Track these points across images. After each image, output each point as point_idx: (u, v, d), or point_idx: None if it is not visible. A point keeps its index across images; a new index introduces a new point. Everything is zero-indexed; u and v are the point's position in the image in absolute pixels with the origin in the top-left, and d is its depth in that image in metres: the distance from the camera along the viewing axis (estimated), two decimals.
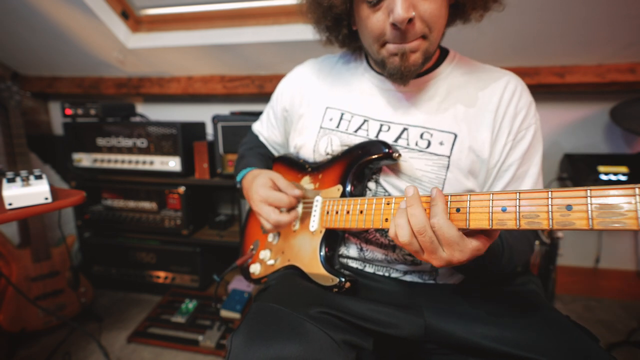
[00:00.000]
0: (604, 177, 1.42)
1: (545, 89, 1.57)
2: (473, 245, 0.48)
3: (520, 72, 1.51)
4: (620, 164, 1.45)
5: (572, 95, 1.62)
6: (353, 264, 0.77)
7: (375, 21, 0.63)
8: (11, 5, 1.53)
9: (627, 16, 1.24)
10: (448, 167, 0.67)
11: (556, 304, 1.70)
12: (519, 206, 0.44)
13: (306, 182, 0.79)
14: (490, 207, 0.46)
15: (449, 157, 0.67)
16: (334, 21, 0.74)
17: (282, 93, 0.91)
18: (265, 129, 0.99)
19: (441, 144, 0.68)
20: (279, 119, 0.93)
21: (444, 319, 0.63)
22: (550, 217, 0.41)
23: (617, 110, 1.45)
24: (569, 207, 0.40)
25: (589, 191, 0.39)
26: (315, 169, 0.78)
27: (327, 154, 0.77)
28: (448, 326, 0.62)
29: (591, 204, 0.38)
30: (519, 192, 0.44)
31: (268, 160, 0.94)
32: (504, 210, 0.45)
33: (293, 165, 0.85)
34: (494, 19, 0.71)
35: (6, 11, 1.58)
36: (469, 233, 0.49)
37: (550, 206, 0.41)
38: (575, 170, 1.48)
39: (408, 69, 0.65)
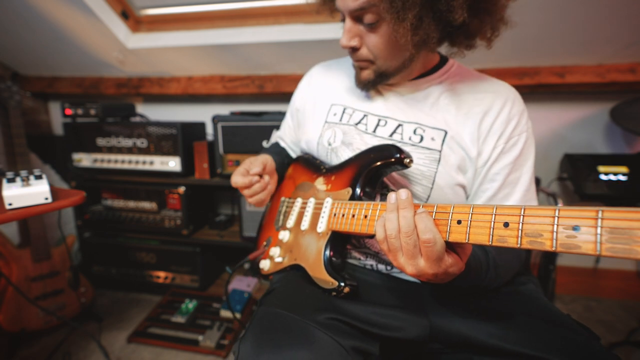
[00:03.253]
0: (604, 177, 1.42)
1: (545, 89, 1.57)
2: (448, 262, 0.48)
3: (520, 72, 1.53)
4: (620, 164, 1.45)
5: (572, 95, 1.62)
6: (352, 260, 0.78)
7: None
8: (11, 5, 1.53)
9: (627, 16, 1.24)
10: (439, 161, 0.69)
11: (556, 304, 1.70)
12: (523, 223, 0.40)
13: (320, 183, 0.80)
14: (493, 222, 0.43)
15: (440, 151, 0.69)
16: None
17: (297, 94, 0.97)
18: (283, 131, 1.05)
19: (432, 139, 0.70)
20: (294, 120, 0.99)
21: (448, 318, 0.63)
22: (554, 237, 0.37)
23: (617, 110, 1.45)
24: (576, 229, 0.36)
25: (600, 212, 0.34)
26: (329, 170, 0.80)
27: (329, 144, 0.80)
28: (453, 325, 0.62)
29: (601, 227, 0.34)
30: (524, 208, 0.40)
31: (283, 157, 0.98)
32: (506, 225, 0.41)
33: (309, 165, 0.87)
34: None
35: (6, 11, 1.58)
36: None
37: (555, 225, 0.37)
38: (575, 170, 1.48)
39: (361, 81, 0.75)
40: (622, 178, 1.41)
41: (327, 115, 0.84)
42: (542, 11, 1.25)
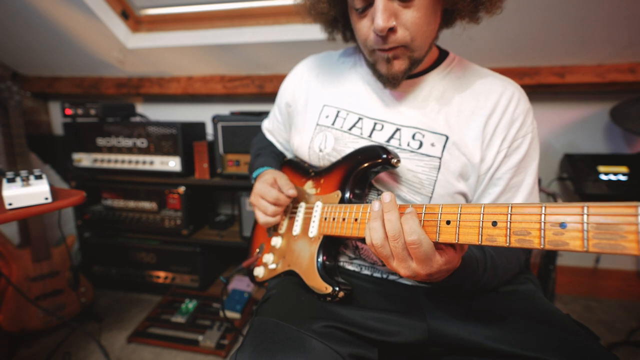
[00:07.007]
0: (604, 177, 1.42)
1: (545, 89, 1.57)
2: (440, 261, 0.48)
3: (520, 72, 1.53)
4: (620, 164, 1.45)
5: (572, 95, 1.62)
6: (350, 266, 0.76)
7: (361, 27, 0.64)
8: (11, 6, 1.53)
9: (627, 16, 1.24)
10: (439, 169, 0.67)
11: (556, 304, 1.70)
12: (510, 222, 0.40)
13: (309, 186, 0.79)
14: (481, 221, 0.43)
15: (440, 158, 0.67)
16: (330, 23, 0.77)
17: (285, 89, 0.93)
18: (272, 126, 1.01)
19: (432, 145, 0.67)
20: (284, 115, 0.94)
21: (446, 321, 0.63)
22: (542, 234, 0.37)
23: (617, 110, 1.45)
24: (562, 225, 0.36)
25: (585, 208, 0.35)
26: (317, 173, 0.79)
27: (320, 150, 0.77)
28: (451, 328, 0.62)
29: (587, 223, 0.34)
30: (511, 206, 0.41)
31: (281, 159, 0.96)
32: (494, 224, 0.42)
33: (298, 169, 0.86)
34: (495, 18, 0.71)
35: (6, 11, 1.58)
36: (437, 247, 0.49)
37: (542, 223, 0.37)
38: (575, 170, 1.48)
39: (394, 75, 0.67)
40: (622, 178, 1.41)
41: (318, 117, 0.79)
42: (542, 11, 1.25)
